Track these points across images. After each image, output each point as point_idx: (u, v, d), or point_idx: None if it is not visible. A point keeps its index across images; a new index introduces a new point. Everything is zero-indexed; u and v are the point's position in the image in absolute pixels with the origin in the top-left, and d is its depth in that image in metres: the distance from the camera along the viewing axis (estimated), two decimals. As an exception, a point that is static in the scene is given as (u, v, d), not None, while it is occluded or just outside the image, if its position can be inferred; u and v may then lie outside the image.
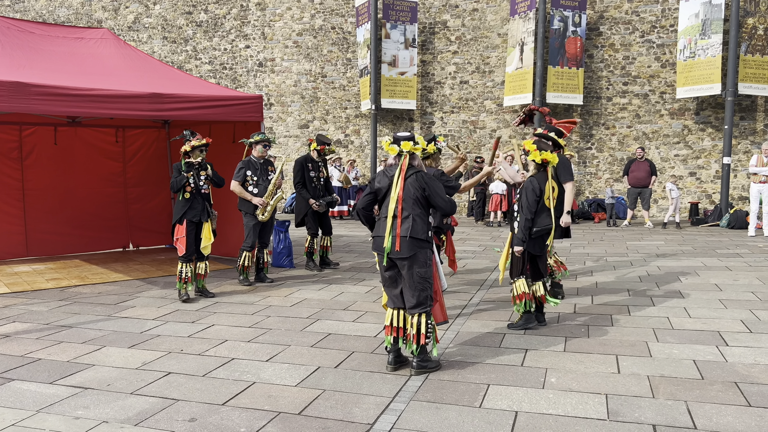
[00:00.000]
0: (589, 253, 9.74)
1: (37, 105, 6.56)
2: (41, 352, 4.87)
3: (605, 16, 15.53)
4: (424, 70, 16.98)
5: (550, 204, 5.23)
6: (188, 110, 7.62)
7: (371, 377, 4.27)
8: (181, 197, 6.56)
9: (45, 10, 20.05)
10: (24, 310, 6.24)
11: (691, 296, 6.58)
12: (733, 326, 5.40)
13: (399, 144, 4.41)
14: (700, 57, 13.96)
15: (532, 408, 3.72)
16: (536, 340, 5.08)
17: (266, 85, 18.26)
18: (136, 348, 4.98)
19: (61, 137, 9.49)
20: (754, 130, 14.63)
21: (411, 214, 4.31)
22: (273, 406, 3.79)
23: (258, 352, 4.84)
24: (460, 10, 16.60)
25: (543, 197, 5.21)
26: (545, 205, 5.22)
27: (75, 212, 9.73)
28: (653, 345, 4.90)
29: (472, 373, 4.32)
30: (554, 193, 5.29)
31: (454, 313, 5.94)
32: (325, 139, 8.30)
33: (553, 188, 5.27)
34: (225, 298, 6.79)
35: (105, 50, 8.71)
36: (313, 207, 8.09)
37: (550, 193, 5.22)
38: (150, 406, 3.81)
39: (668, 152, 15.23)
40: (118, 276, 8.06)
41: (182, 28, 18.87)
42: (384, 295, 4.57)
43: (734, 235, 11.92)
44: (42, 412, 3.72)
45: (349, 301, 6.58)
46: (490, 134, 16.51)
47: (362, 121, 17.56)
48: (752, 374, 4.22)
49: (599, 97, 15.68)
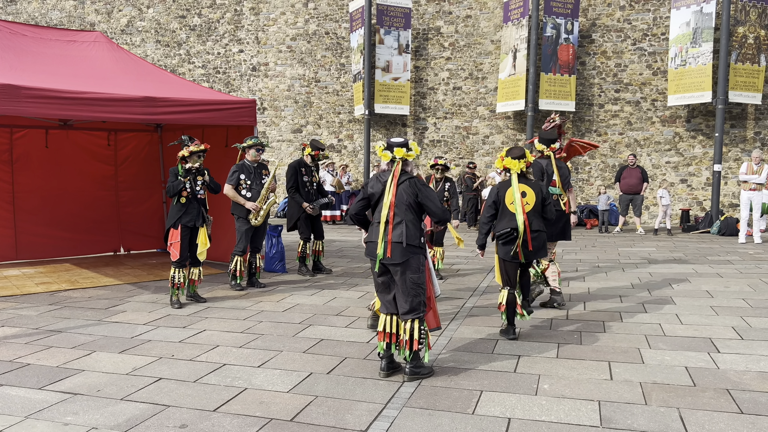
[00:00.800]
0: (581, 259, 9.77)
1: (28, 108, 6.52)
2: (30, 357, 4.82)
3: (597, 23, 15.64)
4: (418, 76, 17.02)
5: (515, 208, 5.12)
6: (181, 114, 7.59)
7: (364, 383, 4.26)
8: (177, 202, 6.53)
9: (38, 13, 19.96)
10: (13, 315, 6.18)
11: (682, 303, 6.60)
12: (725, 333, 5.42)
13: (392, 150, 4.41)
14: (690, 65, 14.07)
15: (525, 415, 3.72)
16: (529, 347, 5.08)
17: (260, 89, 18.24)
18: (126, 353, 4.94)
19: (52, 140, 9.43)
20: (745, 138, 14.75)
21: (404, 220, 4.30)
22: (265, 413, 3.77)
23: (250, 358, 4.81)
24: (453, 16, 16.66)
25: (504, 203, 5.18)
26: (508, 209, 5.18)
27: (65, 215, 9.66)
28: (645, 351, 4.91)
29: (465, 380, 4.31)
30: (526, 197, 5.18)
31: (447, 319, 5.93)
32: (319, 144, 8.29)
33: (524, 193, 5.17)
34: (217, 303, 6.75)
35: (98, 53, 8.67)
36: (307, 210, 8.07)
37: (514, 198, 5.12)
38: (140, 412, 3.77)
39: (659, 159, 15.32)
40: (108, 280, 8.01)
41: (176, 31, 18.83)
42: (377, 300, 4.55)
43: (725, 242, 11.99)
44: (30, 418, 3.68)
45: (341, 306, 6.56)
46: (483, 140, 16.56)
47: (355, 126, 17.57)
48: (744, 381, 4.24)
49: (591, 104, 15.77)
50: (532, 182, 5.29)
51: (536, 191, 5.23)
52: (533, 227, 5.17)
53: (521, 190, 5.18)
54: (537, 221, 5.22)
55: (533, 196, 5.19)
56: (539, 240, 5.21)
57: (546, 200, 5.27)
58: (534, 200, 5.19)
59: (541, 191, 5.26)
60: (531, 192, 5.20)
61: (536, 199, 5.20)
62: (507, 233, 5.12)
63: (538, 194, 5.22)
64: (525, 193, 5.19)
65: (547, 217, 5.31)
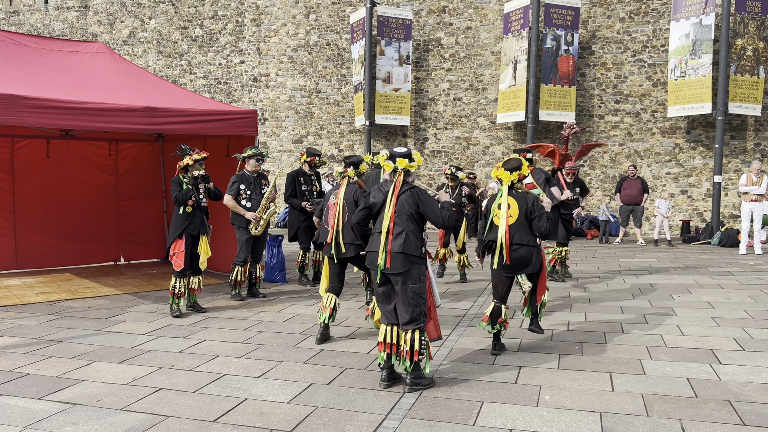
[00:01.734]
0: (582, 269, 9.76)
1: (30, 118, 6.54)
2: (30, 367, 4.80)
3: (597, 35, 15.72)
4: (418, 87, 17.08)
5: (498, 221, 5.05)
6: (182, 124, 7.62)
7: (364, 394, 4.24)
8: (182, 211, 6.53)
9: (40, 24, 20.08)
10: (13, 324, 6.17)
11: (683, 314, 6.59)
12: (726, 344, 5.40)
13: (395, 161, 4.42)
14: (690, 77, 14.13)
15: (526, 426, 3.70)
16: (530, 358, 5.06)
17: (261, 100, 18.31)
18: (126, 363, 4.93)
19: (53, 150, 9.45)
20: (744, 149, 14.78)
21: (404, 230, 4.31)
22: (265, 423, 3.75)
23: (250, 368, 4.79)
24: (454, 28, 16.75)
25: (491, 215, 5.15)
26: (493, 222, 5.13)
27: (66, 225, 9.66)
28: (647, 363, 4.89)
29: (465, 391, 4.30)
30: (510, 209, 5.03)
31: (448, 329, 5.92)
32: (314, 151, 8.33)
33: (509, 205, 5.05)
34: (217, 313, 6.74)
35: (100, 64, 8.71)
36: (306, 209, 8.05)
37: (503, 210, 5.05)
38: (140, 422, 3.76)
39: (660, 170, 15.34)
40: (109, 290, 8.00)
41: (177, 42, 18.93)
42: (377, 310, 4.54)
43: (725, 253, 11.98)
44: (30, 428, 3.66)
45: (341, 316, 6.54)
46: (483, 151, 16.60)
47: (356, 136, 17.61)
48: (746, 393, 4.22)
49: (591, 115, 15.81)
50: (519, 194, 5.10)
51: (521, 204, 5.04)
52: (514, 240, 5.00)
53: (508, 203, 5.07)
54: (519, 234, 5.01)
55: (516, 210, 5.03)
56: (519, 253, 5.00)
57: (532, 213, 5.01)
58: (517, 213, 5.02)
59: (526, 204, 5.04)
60: (515, 204, 5.04)
61: (519, 212, 5.02)
62: (486, 245, 5.14)
63: (522, 207, 5.03)
64: (509, 205, 5.06)
65: (537, 231, 5.08)
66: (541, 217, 4.98)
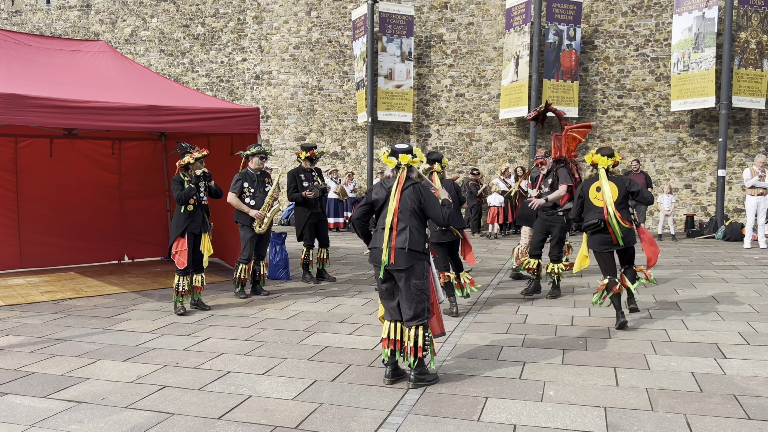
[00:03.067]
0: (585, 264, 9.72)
1: (33, 117, 6.55)
2: (35, 366, 4.82)
3: (600, 30, 15.66)
4: (421, 83, 17.05)
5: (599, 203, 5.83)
6: (185, 122, 7.62)
7: (368, 390, 4.24)
8: (184, 210, 6.54)
9: (42, 23, 20.10)
10: (18, 323, 6.19)
11: (688, 308, 6.57)
12: (731, 338, 5.39)
13: (397, 157, 4.41)
14: (693, 70, 14.07)
15: (531, 421, 3.70)
16: (534, 353, 5.06)
17: (263, 97, 18.30)
18: (131, 361, 4.94)
19: (56, 149, 9.46)
20: (748, 143, 14.72)
21: (408, 226, 4.31)
22: (269, 420, 3.75)
23: (254, 366, 4.80)
24: (456, 23, 16.71)
25: (588, 197, 5.93)
26: (593, 204, 5.89)
27: (70, 224, 9.68)
28: (651, 357, 4.88)
29: (470, 386, 4.29)
30: (599, 192, 5.88)
31: (451, 326, 5.91)
32: (309, 145, 8.34)
33: (598, 188, 5.87)
34: (221, 310, 6.75)
35: (102, 63, 8.72)
36: (308, 196, 8.02)
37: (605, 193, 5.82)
38: (145, 420, 3.77)
39: (663, 165, 15.29)
40: (113, 288, 8.02)
41: (179, 41, 18.93)
42: (381, 307, 4.55)
43: (730, 247, 11.95)
44: (35, 427, 3.67)
45: (345, 313, 6.55)
46: (486, 147, 16.57)
47: (359, 133, 17.60)
48: (751, 387, 4.21)
49: (594, 110, 15.77)
50: (616, 177, 5.94)
51: (619, 186, 5.86)
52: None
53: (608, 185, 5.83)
54: (621, 213, 5.78)
55: (616, 191, 5.82)
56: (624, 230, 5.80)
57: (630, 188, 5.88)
58: (617, 194, 5.81)
59: (624, 184, 5.89)
60: (614, 186, 5.84)
61: (619, 193, 5.82)
62: (594, 224, 5.79)
63: (621, 189, 5.84)
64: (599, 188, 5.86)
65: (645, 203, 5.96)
66: (640, 191, 5.89)
